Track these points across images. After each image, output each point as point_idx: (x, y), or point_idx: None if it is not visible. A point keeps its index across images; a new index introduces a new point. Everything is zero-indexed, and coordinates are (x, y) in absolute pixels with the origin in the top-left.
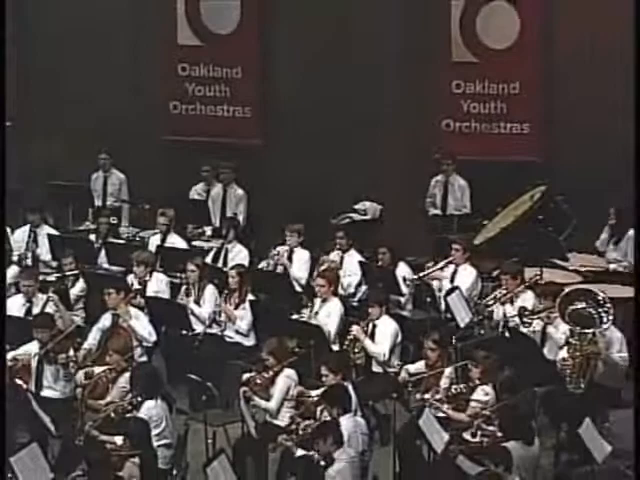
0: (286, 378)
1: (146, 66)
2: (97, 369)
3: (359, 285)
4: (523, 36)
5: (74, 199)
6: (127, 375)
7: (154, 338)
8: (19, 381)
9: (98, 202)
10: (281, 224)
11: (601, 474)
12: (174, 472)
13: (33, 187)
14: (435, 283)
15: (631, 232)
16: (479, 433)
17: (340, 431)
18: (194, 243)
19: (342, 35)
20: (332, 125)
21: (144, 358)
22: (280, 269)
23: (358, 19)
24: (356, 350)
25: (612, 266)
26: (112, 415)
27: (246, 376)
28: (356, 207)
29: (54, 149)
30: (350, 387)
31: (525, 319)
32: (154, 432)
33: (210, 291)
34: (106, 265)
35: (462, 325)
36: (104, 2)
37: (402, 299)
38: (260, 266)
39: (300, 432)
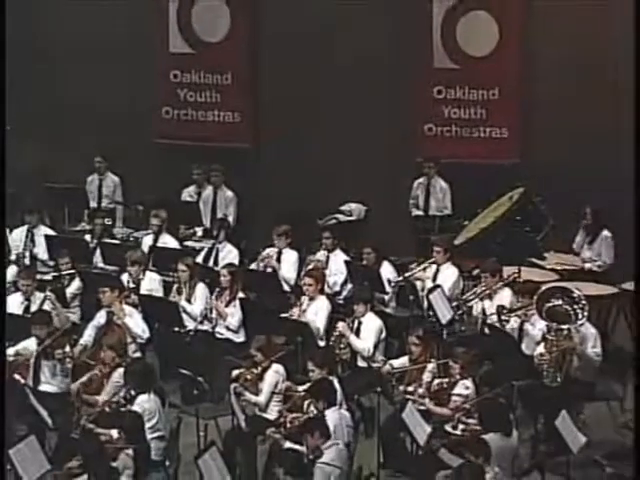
0: (274, 373)
1: (140, 73)
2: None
3: (345, 284)
4: (502, 44)
5: (70, 201)
6: (121, 370)
7: (147, 335)
8: (18, 376)
9: (93, 204)
10: (269, 225)
11: (576, 464)
12: (167, 463)
13: (31, 189)
14: (418, 283)
15: (605, 232)
16: (460, 426)
17: (327, 425)
18: (186, 243)
19: (328, 42)
20: (318, 129)
21: (138, 354)
22: (269, 270)
23: (343, 27)
24: (342, 346)
25: (587, 265)
26: (107, 409)
27: (236, 372)
28: (342, 208)
29: (51, 153)
30: (336, 381)
31: (503, 316)
32: (147, 425)
33: (201, 289)
34: (101, 264)
35: (444, 322)
36: (100, 12)
37: (386, 297)
38: (250, 268)
39: (288, 425)
